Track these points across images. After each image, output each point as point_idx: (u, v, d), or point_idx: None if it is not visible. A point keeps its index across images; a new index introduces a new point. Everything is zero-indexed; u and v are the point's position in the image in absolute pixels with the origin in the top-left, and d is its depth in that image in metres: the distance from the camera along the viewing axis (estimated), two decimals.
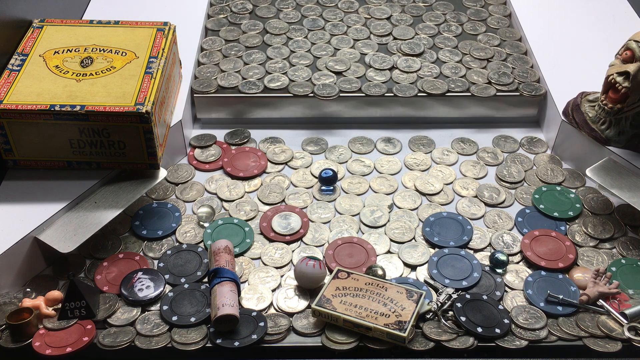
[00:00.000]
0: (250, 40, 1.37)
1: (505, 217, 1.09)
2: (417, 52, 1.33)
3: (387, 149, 1.22)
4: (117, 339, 0.91)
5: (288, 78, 1.27)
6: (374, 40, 1.38)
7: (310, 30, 1.40)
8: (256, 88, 1.25)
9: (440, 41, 1.37)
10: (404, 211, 1.10)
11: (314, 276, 0.96)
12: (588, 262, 1.02)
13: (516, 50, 1.36)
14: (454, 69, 1.30)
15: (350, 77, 1.27)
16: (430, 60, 1.32)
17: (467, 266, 1.00)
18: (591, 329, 0.92)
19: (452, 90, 1.25)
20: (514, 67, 1.31)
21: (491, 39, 1.39)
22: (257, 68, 1.30)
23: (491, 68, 1.30)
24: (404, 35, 1.38)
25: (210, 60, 1.32)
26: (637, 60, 1.03)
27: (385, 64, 1.30)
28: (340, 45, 1.36)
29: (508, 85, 1.26)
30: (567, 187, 1.14)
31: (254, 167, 1.17)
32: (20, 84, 1.03)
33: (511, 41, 1.38)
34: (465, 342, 0.90)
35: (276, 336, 0.91)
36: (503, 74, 1.28)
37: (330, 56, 1.33)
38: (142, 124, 1.00)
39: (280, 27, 1.41)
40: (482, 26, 1.43)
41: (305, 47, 1.36)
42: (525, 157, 1.20)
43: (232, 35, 1.39)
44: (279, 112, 1.26)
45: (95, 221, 0.99)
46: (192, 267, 1.00)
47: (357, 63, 1.31)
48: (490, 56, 1.33)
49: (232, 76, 1.28)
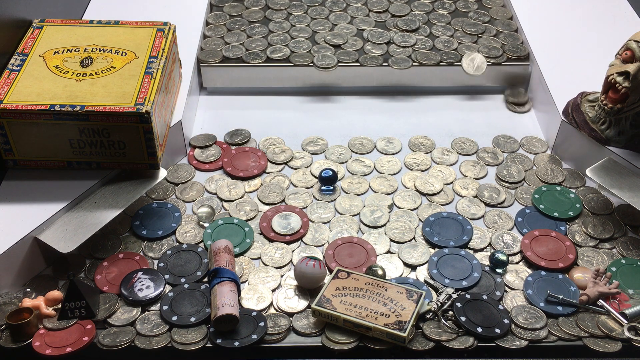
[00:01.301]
0: (252, 16, 1.44)
1: (505, 217, 1.09)
2: (413, 27, 1.40)
3: (387, 149, 1.22)
4: (116, 339, 0.91)
5: (289, 49, 1.34)
6: (372, 17, 1.44)
7: (310, 6, 1.47)
8: (259, 59, 1.32)
9: (434, 17, 1.45)
10: (404, 211, 1.10)
11: (314, 276, 0.96)
12: (588, 262, 1.02)
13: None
14: (446, 43, 1.37)
15: (348, 49, 1.34)
16: (424, 35, 1.39)
17: (467, 266, 1.00)
18: (591, 329, 0.92)
19: (445, 62, 1.32)
20: (504, 43, 1.37)
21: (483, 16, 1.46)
22: (259, 40, 1.37)
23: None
24: (400, 12, 1.46)
25: (215, 33, 1.39)
26: (637, 60, 1.03)
27: (383, 39, 1.37)
28: (338, 21, 1.43)
29: (497, 57, 1.33)
30: (567, 187, 1.14)
31: (254, 167, 1.17)
32: (20, 84, 1.03)
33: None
34: (465, 342, 0.90)
35: (276, 336, 0.91)
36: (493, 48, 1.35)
37: (329, 31, 1.39)
38: (142, 124, 1.00)
39: (281, 3, 1.48)
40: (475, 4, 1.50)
41: (305, 21, 1.43)
42: (525, 157, 1.20)
43: (236, 10, 1.46)
44: (280, 82, 1.33)
45: (95, 221, 0.99)
46: (192, 267, 1.00)
47: (354, 37, 1.38)
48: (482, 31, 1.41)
49: (236, 48, 1.35)
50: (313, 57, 1.32)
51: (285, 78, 1.33)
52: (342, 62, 1.31)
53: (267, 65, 1.32)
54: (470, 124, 1.28)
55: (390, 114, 1.31)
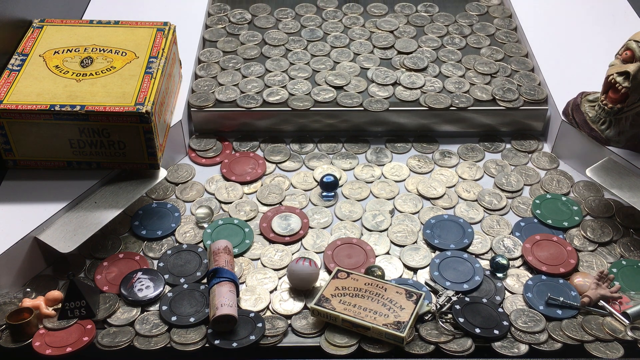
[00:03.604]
0: (248, 52, 1.33)
1: (504, 224, 1.08)
2: (421, 66, 1.29)
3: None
4: (115, 339, 0.91)
5: (287, 92, 1.24)
6: (377, 54, 1.33)
7: (310, 41, 1.37)
8: (255, 102, 1.22)
9: (443, 54, 1.33)
10: (405, 215, 1.10)
11: (305, 273, 0.95)
12: (588, 266, 1.02)
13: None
14: (457, 84, 1.26)
15: (351, 91, 1.24)
16: (433, 75, 1.28)
17: (468, 269, 1.00)
18: (595, 331, 0.92)
19: (455, 105, 1.21)
20: (516, 72, 1.29)
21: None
22: (255, 81, 1.26)
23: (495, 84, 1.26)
24: (407, 48, 1.34)
25: (207, 73, 1.29)
26: (637, 60, 1.03)
27: (388, 79, 1.26)
28: (340, 59, 1.32)
29: (513, 101, 1.22)
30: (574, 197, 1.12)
31: (248, 174, 1.16)
32: (20, 84, 1.03)
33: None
34: (463, 345, 0.90)
35: (273, 338, 0.91)
36: (508, 90, 1.24)
37: (329, 70, 1.29)
38: (142, 124, 1.01)
39: (279, 38, 1.37)
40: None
41: (305, 59, 1.32)
42: (531, 170, 1.18)
43: (230, 46, 1.35)
44: (278, 125, 1.23)
45: (95, 221, 1.00)
46: (192, 268, 1.00)
47: (357, 77, 1.27)
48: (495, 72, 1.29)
49: (230, 89, 1.24)
50: (362, 101, 1.21)
51: (283, 122, 1.23)
52: (345, 106, 1.21)
53: (263, 109, 1.21)
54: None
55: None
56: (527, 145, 1.22)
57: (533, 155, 1.20)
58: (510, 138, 1.24)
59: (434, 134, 1.24)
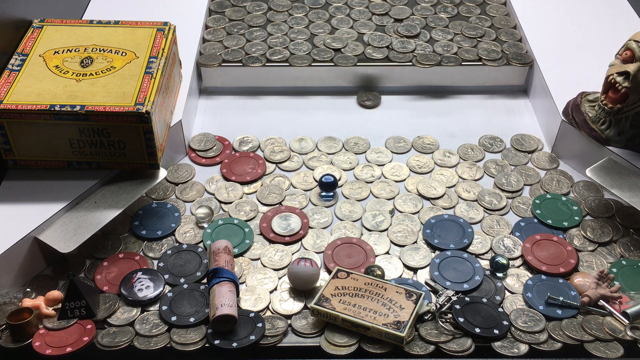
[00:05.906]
0: (254, 20, 1.43)
1: (504, 224, 1.08)
2: (413, 33, 1.39)
3: (378, 159, 1.21)
4: (115, 339, 0.91)
5: (289, 51, 1.34)
6: (375, 20, 1.43)
7: (312, 8, 1.47)
8: (259, 62, 1.31)
9: (432, 21, 1.44)
10: (405, 215, 1.10)
11: (307, 274, 0.95)
12: (588, 266, 1.02)
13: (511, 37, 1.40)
14: (446, 47, 1.36)
15: (348, 54, 1.33)
16: (424, 40, 1.38)
17: (469, 269, 1.00)
18: (595, 331, 0.92)
19: (444, 64, 1.32)
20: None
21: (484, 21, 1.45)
22: (259, 44, 1.36)
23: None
24: (401, 15, 1.45)
25: (214, 37, 1.38)
26: (637, 60, 1.03)
27: (383, 42, 1.36)
28: (339, 25, 1.41)
29: (497, 60, 1.33)
30: (574, 198, 1.12)
31: (248, 174, 1.16)
32: (20, 84, 1.03)
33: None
34: (463, 344, 0.90)
35: (273, 338, 0.91)
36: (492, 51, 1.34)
37: (328, 34, 1.39)
38: (142, 124, 1.01)
39: (283, 5, 1.47)
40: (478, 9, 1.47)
41: (304, 23, 1.42)
42: (531, 170, 1.18)
43: (237, 15, 1.44)
44: (280, 82, 1.33)
45: (95, 221, 1.00)
46: (192, 268, 1.00)
47: (355, 42, 1.37)
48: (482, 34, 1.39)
49: (235, 52, 1.34)
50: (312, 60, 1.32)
51: (286, 78, 1.33)
52: (340, 64, 1.32)
53: (266, 65, 1.32)
54: (470, 123, 1.28)
55: (393, 110, 1.32)
56: (527, 145, 1.22)
57: (533, 155, 1.20)
58: (510, 138, 1.24)
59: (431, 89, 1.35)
